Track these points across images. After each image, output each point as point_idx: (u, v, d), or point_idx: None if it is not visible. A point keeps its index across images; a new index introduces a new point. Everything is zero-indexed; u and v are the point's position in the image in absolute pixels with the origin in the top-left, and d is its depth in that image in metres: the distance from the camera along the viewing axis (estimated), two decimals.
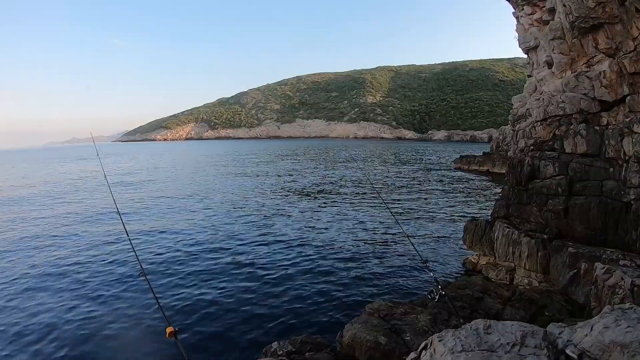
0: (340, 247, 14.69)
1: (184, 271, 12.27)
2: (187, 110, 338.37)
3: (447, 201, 24.51)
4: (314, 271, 12.15)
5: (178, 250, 14.41)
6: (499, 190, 14.30)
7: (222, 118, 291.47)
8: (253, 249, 14.62)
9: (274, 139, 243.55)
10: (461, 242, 13.75)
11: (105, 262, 13.45)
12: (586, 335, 2.93)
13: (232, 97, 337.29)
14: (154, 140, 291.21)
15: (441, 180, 35.57)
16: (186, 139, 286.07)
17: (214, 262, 13.18)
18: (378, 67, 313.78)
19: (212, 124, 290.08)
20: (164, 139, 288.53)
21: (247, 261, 13.21)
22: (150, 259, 13.43)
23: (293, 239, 15.70)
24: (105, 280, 11.78)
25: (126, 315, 9.49)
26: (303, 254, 13.91)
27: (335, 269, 12.36)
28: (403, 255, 13.56)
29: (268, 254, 13.91)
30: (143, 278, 5.79)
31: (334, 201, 24.80)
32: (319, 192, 28.92)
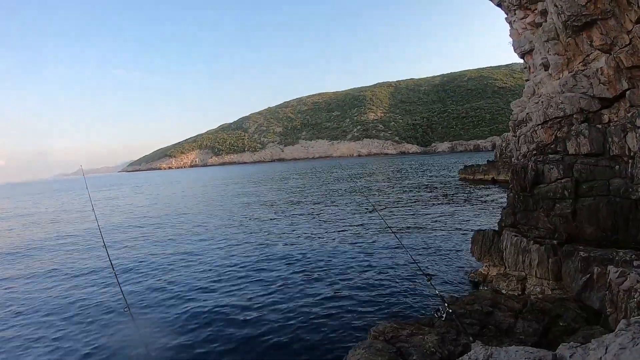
0: (342, 267, 14.23)
1: (171, 304, 11.70)
2: (190, 138, 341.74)
3: (452, 213, 24.03)
4: (315, 293, 11.69)
5: (165, 282, 13.86)
6: (505, 198, 13.91)
7: (225, 144, 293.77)
8: (251, 271, 14.20)
9: (278, 162, 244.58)
10: (469, 254, 13.31)
11: (89, 294, 13.05)
12: (600, 358, 2.54)
13: (234, 122, 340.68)
14: (159, 168, 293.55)
15: (446, 193, 35.10)
16: (191, 166, 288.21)
17: (202, 289, 12.72)
18: (377, 83, 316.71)
19: (216, 150, 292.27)
20: (169, 167, 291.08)
21: (244, 284, 12.79)
22: (136, 293, 12.88)
23: (293, 261, 15.29)
24: (88, 313, 11.36)
25: (107, 349, 9.09)
26: (303, 275, 13.47)
27: (338, 290, 11.90)
28: (409, 273, 13.10)
29: (267, 277, 13.47)
30: (127, 313, 5.53)
31: (332, 220, 24.41)
32: (318, 212, 28.49)
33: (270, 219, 26.36)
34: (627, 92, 9.27)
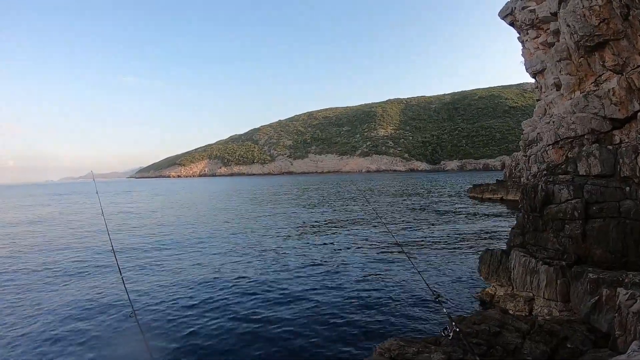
0: (348, 282, 14.13)
1: (177, 310, 11.72)
2: (200, 147, 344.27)
3: (461, 232, 23.85)
4: (321, 308, 11.60)
5: (171, 290, 13.86)
6: (513, 218, 13.77)
7: (235, 155, 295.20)
8: (259, 284, 14.16)
9: (287, 175, 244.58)
10: (477, 274, 13.17)
11: (95, 299, 13.06)
12: None
13: (244, 133, 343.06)
14: (168, 176, 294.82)
15: (454, 211, 34.89)
16: (200, 175, 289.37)
17: (210, 298, 12.68)
18: (388, 99, 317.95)
19: (226, 160, 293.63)
20: (178, 176, 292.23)
21: (252, 296, 12.75)
22: (143, 298, 12.91)
23: (298, 276, 15.21)
24: (93, 318, 11.35)
25: (110, 354, 9.09)
26: (309, 290, 13.38)
27: (343, 305, 11.79)
28: (415, 291, 12.96)
29: (274, 290, 13.43)
30: (133, 319, 5.52)
31: (341, 236, 24.31)
32: (326, 227, 28.45)
33: (280, 234, 26.25)
34: (639, 113, 9.24)
